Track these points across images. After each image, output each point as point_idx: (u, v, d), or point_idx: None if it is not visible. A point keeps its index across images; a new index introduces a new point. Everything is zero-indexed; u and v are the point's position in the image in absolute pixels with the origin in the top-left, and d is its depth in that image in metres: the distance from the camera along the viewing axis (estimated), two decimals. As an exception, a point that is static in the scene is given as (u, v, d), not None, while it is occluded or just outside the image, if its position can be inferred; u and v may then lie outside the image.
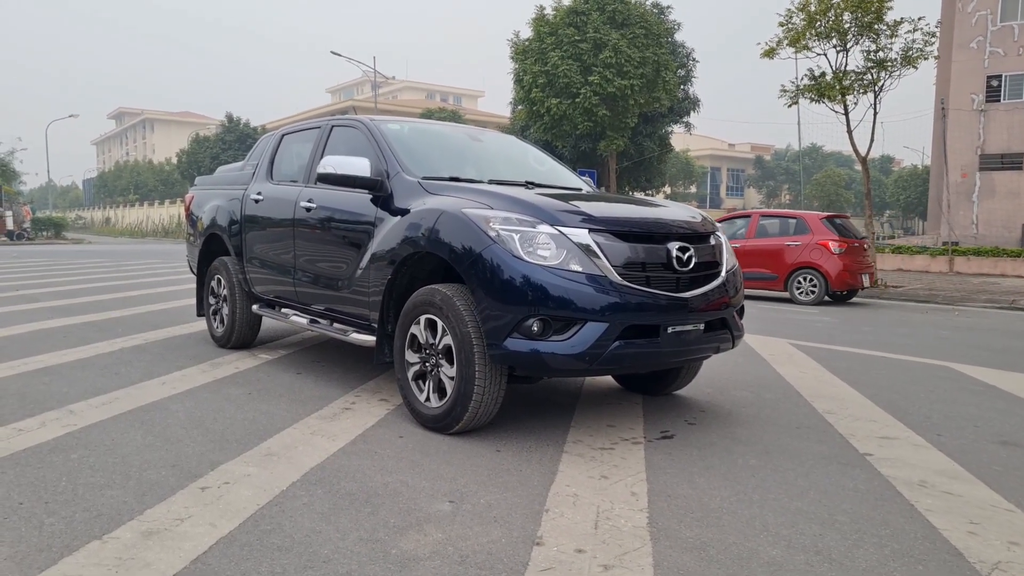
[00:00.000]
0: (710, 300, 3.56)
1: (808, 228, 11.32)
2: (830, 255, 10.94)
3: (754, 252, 11.49)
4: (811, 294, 11.02)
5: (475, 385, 3.28)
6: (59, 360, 5.05)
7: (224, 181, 6.02)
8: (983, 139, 26.01)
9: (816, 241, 11.08)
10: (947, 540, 2.42)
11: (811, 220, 11.46)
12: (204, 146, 52.21)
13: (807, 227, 11.35)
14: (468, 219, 3.39)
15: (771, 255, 11.42)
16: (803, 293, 11.09)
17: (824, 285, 10.90)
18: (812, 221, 11.42)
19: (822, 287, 10.92)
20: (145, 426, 3.50)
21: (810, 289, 11.03)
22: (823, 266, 10.90)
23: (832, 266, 10.86)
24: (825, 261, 10.91)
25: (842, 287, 11.01)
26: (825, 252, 10.96)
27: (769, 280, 11.43)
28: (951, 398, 4.60)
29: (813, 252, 11.03)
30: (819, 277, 10.94)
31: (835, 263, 10.88)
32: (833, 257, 10.92)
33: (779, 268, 11.33)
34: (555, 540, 2.34)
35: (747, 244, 11.62)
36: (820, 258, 10.96)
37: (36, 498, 2.58)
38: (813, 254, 11.02)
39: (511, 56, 27.25)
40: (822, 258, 10.95)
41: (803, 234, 11.29)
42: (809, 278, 11.04)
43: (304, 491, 2.70)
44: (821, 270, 10.91)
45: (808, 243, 11.10)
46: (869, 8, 14.56)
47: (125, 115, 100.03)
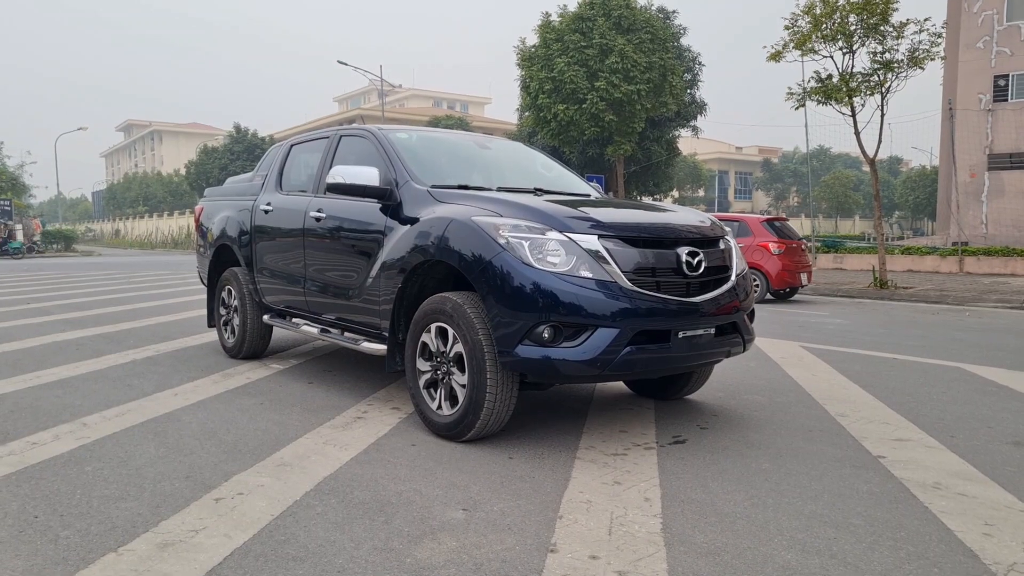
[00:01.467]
0: (720, 304, 3.55)
1: (749, 230, 11.70)
2: (771, 256, 11.40)
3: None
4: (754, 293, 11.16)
5: (487, 392, 3.29)
6: (72, 372, 5.08)
7: (234, 192, 6.06)
8: (991, 139, 25.88)
9: (757, 243, 11.48)
10: (962, 542, 2.40)
11: (752, 223, 11.87)
12: (212, 157, 52.52)
13: (748, 229, 11.73)
14: (478, 227, 3.40)
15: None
16: None
17: (766, 284, 11.39)
18: (753, 224, 11.83)
19: (764, 286, 11.40)
20: (158, 438, 3.52)
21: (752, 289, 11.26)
22: (764, 266, 11.36)
23: (772, 266, 11.36)
24: (766, 262, 11.38)
25: (782, 286, 11.53)
26: (766, 253, 11.41)
27: None
28: (964, 399, 4.57)
29: (755, 253, 11.40)
30: (761, 277, 11.40)
31: (775, 263, 11.37)
32: (773, 258, 11.39)
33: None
34: (569, 547, 2.34)
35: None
36: (761, 259, 11.39)
37: (51, 511, 2.60)
38: (755, 255, 11.38)
39: (517, 63, 27.32)
40: (763, 259, 11.39)
41: (744, 236, 11.58)
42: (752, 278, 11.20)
43: (318, 501, 2.71)
44: (762, 270, 11.36)
45: (750, 245, 11.44)
46: (875, 10, 14.53)
47: (133, 127, 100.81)
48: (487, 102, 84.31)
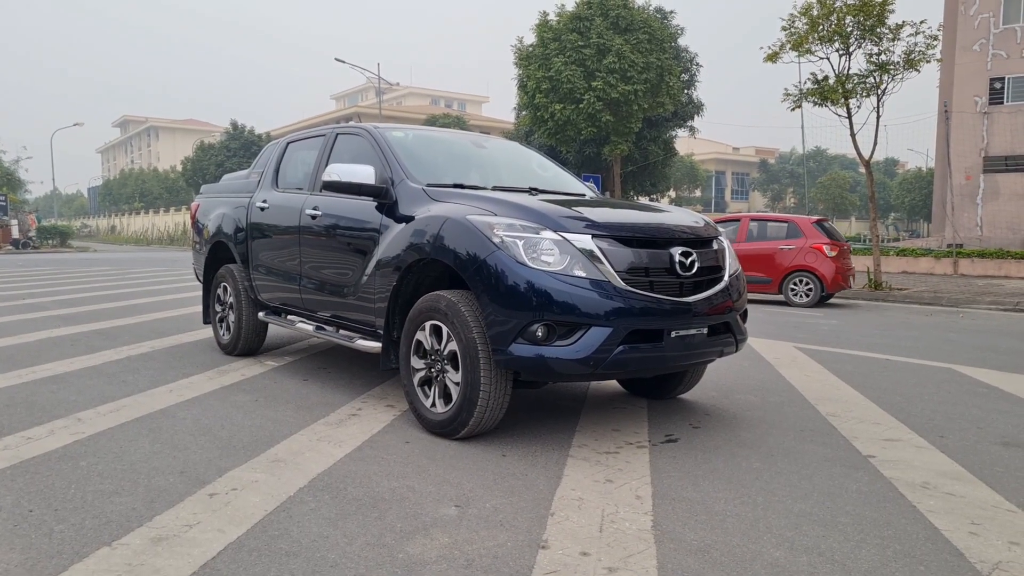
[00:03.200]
0: (713, 304, 3.58)
1: (801, 232, 11.48)
2: (825, 258, 11.11)
3: (746, 256, 11.29)
4: (806, 296, 11.14)
5: (480, 390, 3.31)
6: (67, 368, 5.09)
7: (230, 189, 6.06)
8: (987, 141, 25.98)
9: (810, 245, 11.24)
10: (948, 541, 2.43)
11: (803, 224, 11.60)
12: (209, 154, 52.41)
13: (800, 231, 11.51)
14: (472, 226, 3.42)
15: (764, 259, 11.49)
16: (798, 296, 11.22)
17: (820, 287, 11.06)
18: (804, 225, 11.57)
19: (817, 289, 11.07)
20: (153, 433, 3.53)
21: (805, 292, 11.16)
22: (818, 269, 11.07)
23: (827, 269, 11.07)
24: (820, 264, 11.09)
25: (835, 289, 11.20)
26: (820, 255, 11.14)
27: (763, 283, 11.51)
28: (954, 400, 4.60)
29: (808, 255, 11.18)
30: (814, 280, 11.11)
31: (829, 266, 11.08)
32: (828, 260, 11.10)
33: (773, 271, 11.43)
34: (560, 543, 2.36)
35: (738, 248, 11.50)
36: (815, 261, 11.13)
37: (46, 505, 2.62)
38: (808, 257, 11.17)
39: (515, 62, 27.34)
40: (817, 261, 11.12)
41: (796, 238, 11.44)
42: (804, 281, 11.19)
43: (311, 497, 2.73)
44: (817, 273, 11.07)
45: (802, 247, 11.25)
46: (871, 12, 14.58)
47: (130, 123, 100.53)
48: (485, 101, 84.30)
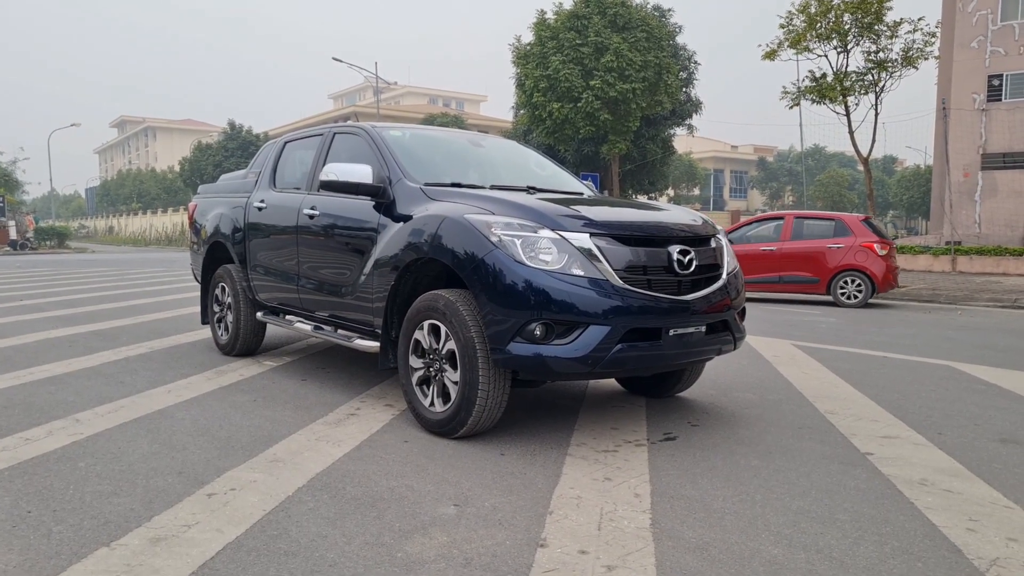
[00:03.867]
0: (711, 302, 3.58)
1: (850, 230, 11.04)
2: (876, 257, 10.71)
3: (792, 255, 11.21)
4: (856, 297, 10.75)
5: (479, 389, 3.31)
6: (65, 369, 5.09)
7: (227, 189, 6.06)
8: (985, 138, 25.99)
9: (860, 243, 10.81)
10: (946, 537, 2.43)
11: (851, 222, 11.19)
12: (207, 154, 52.38)
13: (848, 229, 11.06)
14: (470, 225, 3.42)
15: (811, 258, 11.08)
16: (848, 296, 10.82)
17: (871, 287, 10.66)
18: (853, 223, 11.16)
19: (868, 289, 10.66)
20: (151, 434, 3.53)
21: (855, 292, 10.76)
22: (870, 268, 10.66)
23: (878, 268, 10.67)
24: (871, 263, 10.68)
25: (886, 288, 10.84)
26: (871, 254, 10.73)
27: (810, 283, 11.11)
28: (953, 397, 4.61)
29: (858, 254, 10.76)
30: (865, 279, 10.70)
31: (880, 265, 10.69)
32: (879, 259, 10.71)
33: (821, 271, 10.98)
34: (559, 542, 2.36)
35: (784, 247, 11.33)
36: (866, 260, 10.71)
37: (44, 506, 2.62)
38: (858, 256, 10.75)
39: (513, 61, 27.33)
40: (868, 260, 10.71)
41: (845, 236, 11.00)
42: (855, 281, 10.78)
43: (310, 496, 2.73)
44: (868, 272, 10.66)
45: (852, 245, 10.82)
46: (869, 9, 14.60)
47: (127, 123, 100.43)
48: (483, 100, 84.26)
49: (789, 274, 11.15)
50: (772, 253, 11.31)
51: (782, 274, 11.23)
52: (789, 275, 11.15)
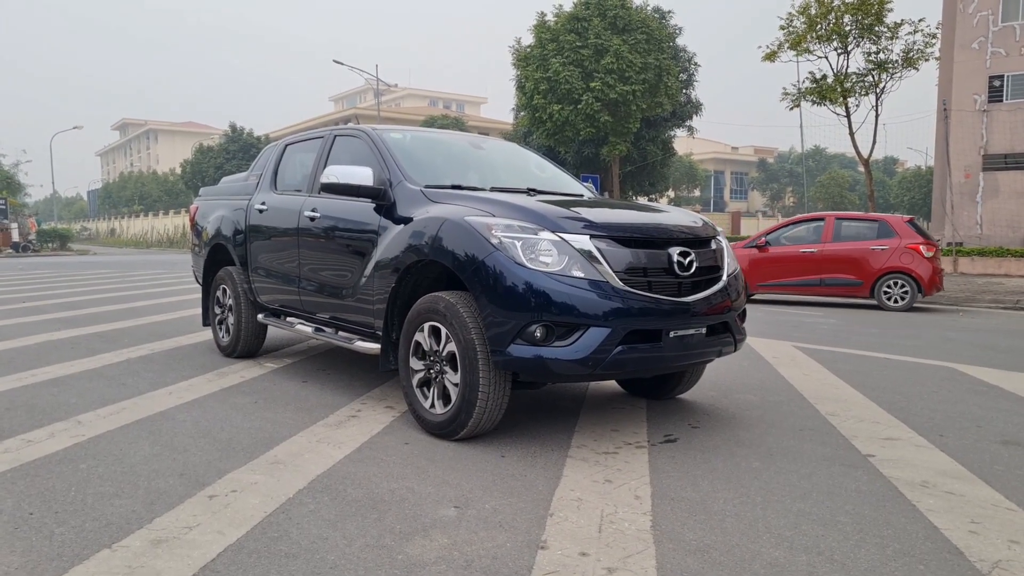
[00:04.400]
0: (712, 304, 3.58)
1: (894, 231, 10.77)
2: (922, 259, 10.43)
3: (834, 257, 10.96)
4: (902, 300, 10.48)
5: (479, 391, 3.31)
6: (67, 371, 5.09)
7: (228, 192, 6.07)
8: (986, 139, 25.98)
9: (905, 245, 10.53)
10: (948, 539, 2.43)
11: (896, 223, 10.92)
12: (208, 156, 52.44)
13: (893, 230, 10.78)
14: (471, 227, 3.42)
15: (853, 260, 10.82)
16: (893, 299, 10.55)
17: (916, 289, 10.38)
18: (897, 224, 10.89)
19: (914, 292, 10.39)
20: (152, 436, 3.54)
21: (900, 295, 10.50)
22: (915, 270, 10.37)
23: (924, 270, 10.38)
24: (917, 265, 10.40)
25: (932, 291, 10.58)
26: (916, 256, 10.44)
27: (853, 286, 10.86)
28: (954, 399, 4.60)
29: (903, 256, 10.48)
30: (911, 282, 10.41)
31: (926, 267, 10.41)
32: (925, 261, 10.43)
33: (864, 274, 10.72)
34: (559, 544, 2.36)
35: (825, 248, 11.07)
36: (911, 262, 10.42)
37: (46, 508, 2.62)
38: (903, 258, 10.46)
39: (513, 63, 27.37)
40: (913, 262, 10.42)
41: (889, 237, 10.73)
42: (900, 283, 10.51)
43: (311, 498, 2.73)
44: (914, 275, 10.38)
45: (897, 247, 10.55)
46: (869, 10, 14.60)
47: (129, 126, 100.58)
48: (483, 102, 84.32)
49: (831, 277, 10.90)
50: (812, 255, 11.07)
51: (823, 277, 10.98)
52: (831, 278, 10.91)
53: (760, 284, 11.45)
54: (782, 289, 11.45)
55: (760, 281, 11.43)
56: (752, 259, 11.45)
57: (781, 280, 11.33)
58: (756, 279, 11.37)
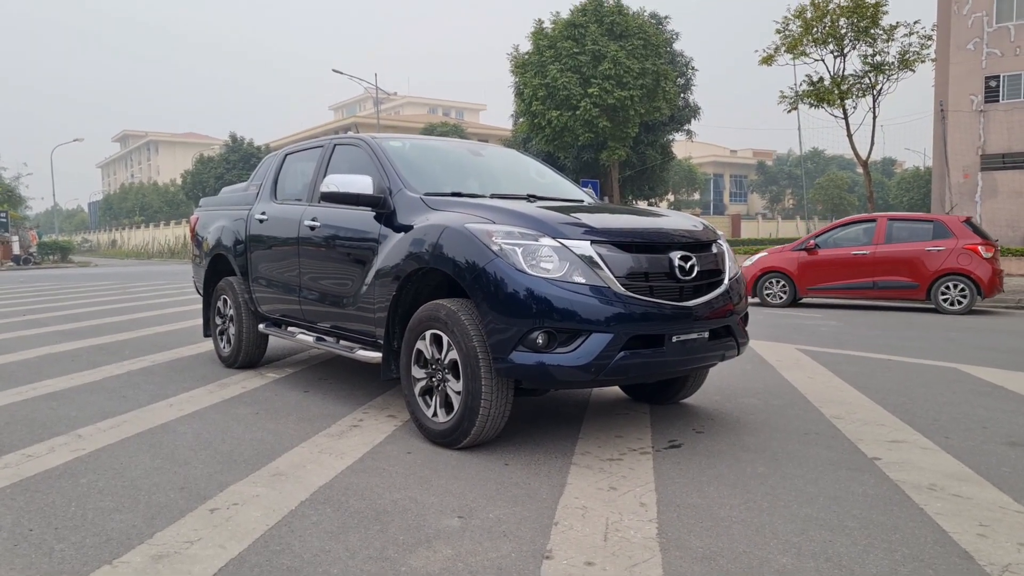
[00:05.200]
0: (714, 308, 3.56)
1: (951, 232, 10.43)
2: (980, 260, 10.09)
3: (887, 259, 10.68)
4: (960, 303, 10.16)
5: (482, 399, 3.29)
6: (67, 384, 5.07)
7: (228, 202, 6.06)
8: (984, 139, 26.00)
9: (963, 245, 10.19)
10: (957, 543, 2.41)
11: (952, 224, 10.59)
12: (208, 167, 52.55)
13: (949, 231, 10.45)
14: (471, 234, 3.41)
15: (908, 262, 10.52)
16: (951, 302, 10.22)
17: (975, 291, 10.05)
18: (954, 224, 10.55)
19: (972, 294, 10.05)
20: (153, 449, 3.51)
21: (959, 297, 10.17)
22: (974, 272, 10.03)
23: (983, 272, 10.04)
24: (976, 267, 10.06)
25: (992, 293, 10.23)
26: (975, 257, 10.10)
27: (908, 289, 10.56)
28: (960, 400, 4.58)
29: (961, 257, 10.14)
30: (970, 284, 10.05)
31: (985, 268, 10.08)
32: (984, 262, 10.10)
33: (920, 276, 10.40)
34: (565, 553, 2.34)
35: (878, 250, 10.77)
36: (970, 263, 10.08)
37: (46, 524, 2.60)
38: (961, 259, 10.13)
39: (511, 70, 27.43)
40: (972, 263, 10.08)
41: (945, 238, 10.41)
42: (958, 286, 10.17)
43: (313, 510, 2.71)
44: (972, 276, 10.03)
45: (954, 248, 10.22)
46: (864, 13, 14.64)
47: (130, 137, 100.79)
48: (482, 109, 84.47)
49: (884, 279, 10.65)
50: (865, 257, 10.80)
51: (876, 279, 10.72)
52: (884, 280, 10.65)
53: (810, 288, 11.24)
54: (833, 292, 11.23)
55: (810, 285, 11.23)
56: (801, 262, 11.28)
57: (832, 283, 11.09)
58: (806, 283, 11.20)
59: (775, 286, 11.53)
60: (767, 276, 11.65)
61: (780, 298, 11.48)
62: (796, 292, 11.35)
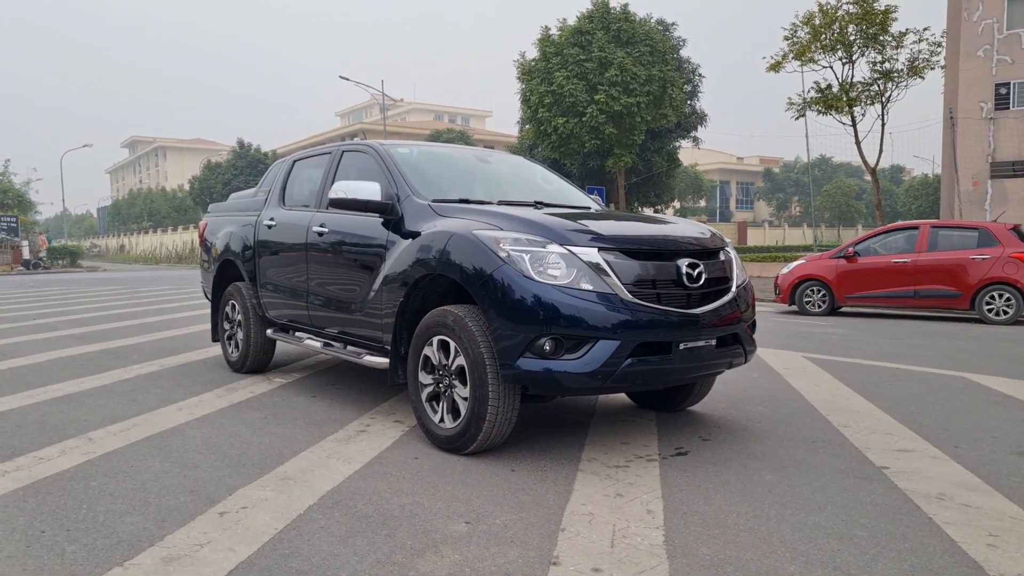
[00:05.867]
0: (721, 315, 3.56)
1: (996, 239, 10.15)
2: None
3: (929, 267, 10.40)
4: (1006, 313, 9.88)
5: (488, 405, 3.30)
6: (77, 388, 5.11)
7: (237, 208, 6.10)
8: (993, 147, 25.90)
9: (1009, 254, 9.89)
10: (966, 553, 2.40)
11: (998, 231, 10.31)
12: (216, 172, 52.83)
13: (994, 238, 10.17)
14: (478, 240, 3.42)
15: (952, 270, 10.26)
16: (996, 312, 9.96)
17: (1023, 302, 9.77)
18: (1000, 232, 10.27)
19: (1019, 304, 9.78)
20: (163, 452, 3.54)
21: (1004, 307, 9.89)
22: (1021, 281, 9.73)
23: None
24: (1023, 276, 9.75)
25: None
26: (1022, 266, 9.78)
27: (951, 298, 10.30)
28: (968, 409, 4.56)
29: (1007, 266, 9.84)
30: (1016, 293, 9.78)
31: None
32: None
33: (963, 285, 10.14)
34: (572, 559, 2.34)
35: (919, 259, 10.50)
36: (1016, 272, 9.77)
37: (58, 526, 2.62)
38: (1007, 268, 9.82)
39: (518, 77, 27.50)
40: (1019, 272, 9.75)
41: (991, 246, 10.12)
42: (1004, 295, 9.90)
43: (321, 514, 2.72)
44: (1019, 286, 9.75)
45: (999, 256, 9.92)
46: (874, 20, 14.62)
47: (138, 143, 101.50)
48: (488, 115, 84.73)
49: (926, 288, 10.40)
50: (906, 266, 10.55)
51: (918, 288, 10.46)
52: (926, 289, 10.40)
53: (848, 296, 11.07)
54: (872, 301, 11.05)
55: (848, 293, 11.05)
56: (840, 270, 11.12)
57: (871, 292, 10.88)
58: (844, 291, 11.05)
59: (815, 295, 11.34)
60: (805, 284, 11.46)
61: (819, 307, 11.27)
62: (834, 300, 11.15)
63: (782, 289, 11.83)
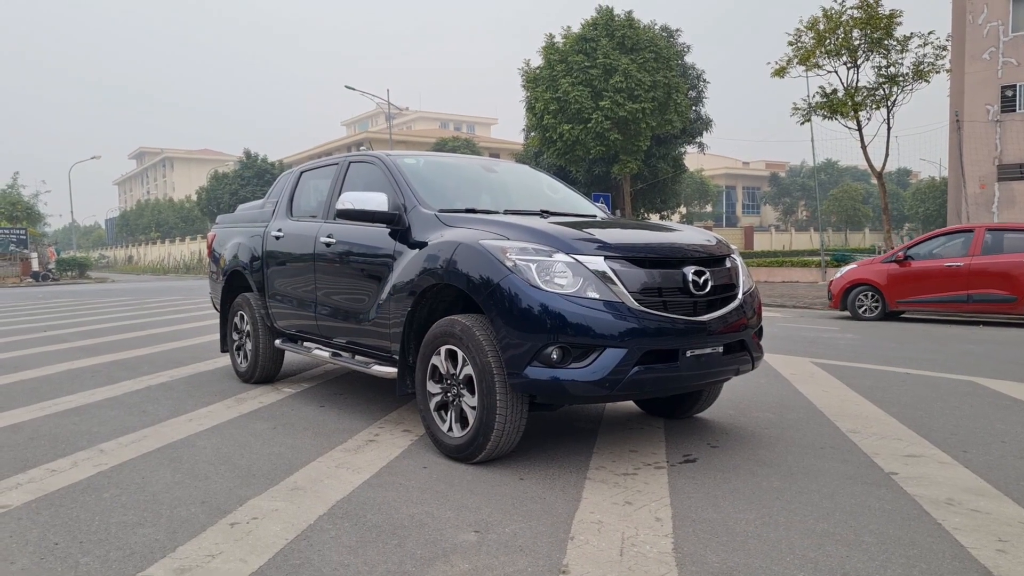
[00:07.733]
0: (728, 322, 3.57)
1: None
2: None
3: (984, 272, 10.15)
4: None
5: (497, 414, 3.31)
6: (88, 400, 5.15)
7: (245, 219, 6.15)
8: (1000, 149, 25.80)
9: None
10: (976, 559, 2.39)
11: None
12: (223, 183, 53.10)
13: None
14: (485, 250, 3.45)
15: (1007, 275, 9.96)
16: None
17: None
18: None
19: None
20: (174, 463, 3.56)
21: None
22: None
23: None
24: None
25: None
26: None
27: (1006, 303, 10.02)
28: (977, 414, 4.54)
29: None
30: None
31: None
32: None
33: (1019, 289, 9.86)
34: (581, 568, 2.35)
35: (973, 262, 10.26)
36: None
37: (71, 538, 2.64)
38: None
39: (523, 84, 27.61)
40: None
41: None
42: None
43: (331, 524, 2.74)
44: None
45: None
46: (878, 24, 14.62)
47: (145, 154, 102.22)
48: (493, 123, 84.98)
49: (980, 292, 10.15)
50: (959, 269, 10.31)
51: (971, 292, 10.22)
52: (980, 293, 10.15)
53: (900, 301, 10.90)
54: (924, 306, 10.86)
55: (900, 297, 10.88)
56: (891, 274, 10.96)
57: (924, 296, 10.67)
58: (896, 295, 10.89)
59: (867, 299, 11.18)
60: (857, 289, 11.32)
61: (873, 311, 11.12)
62: (886, 305, 10.99)
63: (834, 294, 11.68)
